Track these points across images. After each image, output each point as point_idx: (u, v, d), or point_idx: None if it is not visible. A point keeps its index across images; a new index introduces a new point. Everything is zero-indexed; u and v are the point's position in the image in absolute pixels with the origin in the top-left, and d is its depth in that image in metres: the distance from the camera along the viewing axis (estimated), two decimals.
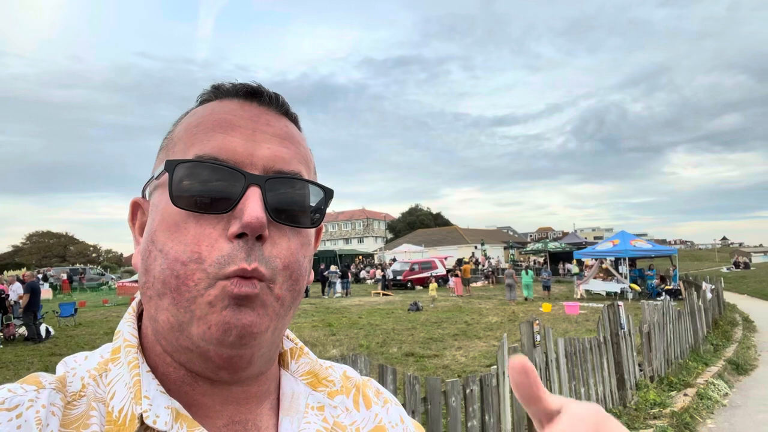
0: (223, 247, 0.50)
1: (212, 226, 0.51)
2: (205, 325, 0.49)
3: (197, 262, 0.49)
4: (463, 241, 55.10)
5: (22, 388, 0.48)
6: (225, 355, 0.51)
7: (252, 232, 0.49)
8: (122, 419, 0.49)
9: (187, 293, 0.49)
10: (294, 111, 0.62)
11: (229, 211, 0.51)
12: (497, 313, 16.28)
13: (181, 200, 0.51)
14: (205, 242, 0.50)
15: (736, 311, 16.13)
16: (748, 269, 43.04)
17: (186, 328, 0.50)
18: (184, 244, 0.50)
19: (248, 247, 0.50)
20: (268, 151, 0.54)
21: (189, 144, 0.54)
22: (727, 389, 7.35)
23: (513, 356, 0.42)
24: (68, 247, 78.49)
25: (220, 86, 0.60)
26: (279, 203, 0.53)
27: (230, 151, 0.53)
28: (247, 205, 0.50)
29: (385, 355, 9.62)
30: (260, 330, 0.51)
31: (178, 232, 0.51)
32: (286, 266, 0.53)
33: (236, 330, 0.49)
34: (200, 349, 0.51)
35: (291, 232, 0.55)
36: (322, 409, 0.62)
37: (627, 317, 6.68)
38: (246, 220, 0.49)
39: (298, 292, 0.56)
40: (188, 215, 0.51)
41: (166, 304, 0.51)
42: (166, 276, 0.50)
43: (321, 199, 0.58)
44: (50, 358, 10.14)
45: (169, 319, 0.51)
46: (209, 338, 0.49)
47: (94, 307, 21.06)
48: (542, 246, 37.34)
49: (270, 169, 0.54)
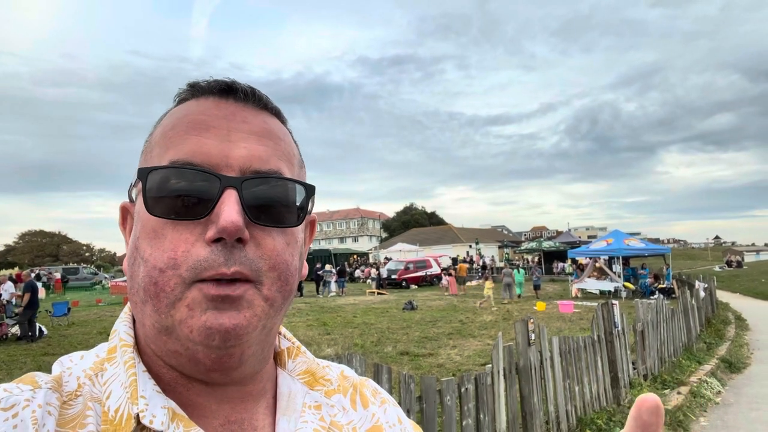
0: (200, 253, 0.49)
1: (189, 232, 0.50)
2: (188, 329, 0.48)
3: (173, 268, 0.48)
4: (457, 240, 55.22)
5: (18, 387, 0.48)
6: (213, 356, 0.50)
7: (228, 236, 0.48)
8: (118, 419, 0.49)
9: (165, 299, 0.49)
10: (275, 104, 0.61)
11: (205, 216, 0.50)
12: (492, 312, 16.32)
13: (156, 208, 0.50)
14: (182, 248, 0.49)
15: (728, 310, 16.21)
16: (740, 268, 43.27)
17: (171, 333, 0.50)
18: (161, 251, 0.49)
19: (227, 251, 0.49)
20: (245, 151, 0.53)
21: (164, 148, 0.53)
22: (720, 387, 7.40)
23: (646, 395, 0.40)
24: (61, 246, 78.11)
25: (196, 84, 0.58)
26: (258, 204, 0.52)
27: (204, 153, 0.51)
28: (222, 209, 0.49)
29: (380, 354, 9.62)
30: (246, 331, 0.50)
31: (156, 239, 0.50)
32: (272, 267, 0.52)
33: (219, 334, 0.48)
34: (189, 352, 0.50)
35: (276, 232, 0.53)
36: (319, 408, 0.62)
37: (621, 316, 6.71)
38: (221, 224, 0.48)
39: (289, 292, 0.55)
40: (166, 222, 0.50)
41: (149, 311, 0.50)
42: (146, 283, 0.49)
43: (303, 196, 0.56)
44: (43, 357, 10.07)
45: (155, 324, 0.50)
46: (194, 341, 0.49)
47: (87, 306, 20.93)
48: (536, 245, 37.43)
49: (247, 170, 0.52)
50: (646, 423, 0.40)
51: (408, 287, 29.11)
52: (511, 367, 4.52)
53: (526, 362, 4.68)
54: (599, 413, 5.65)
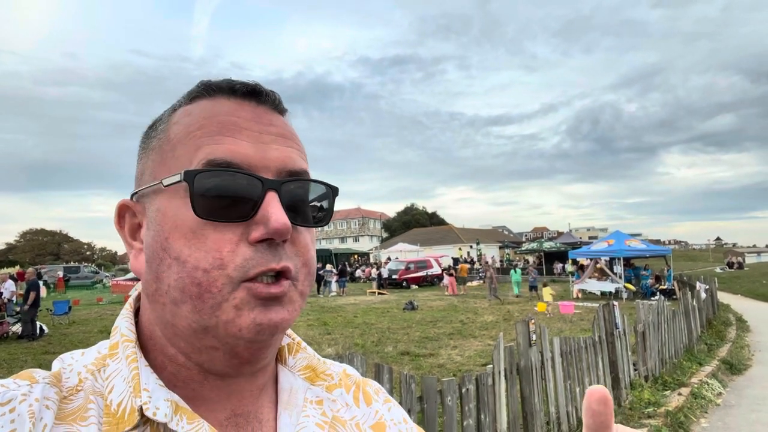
0: (245, 252, 0.50)
1: (232, 232, 0.51)
2: (236, 328, 0.50)
3: (220, 269, 0.49)
4: (458, 241, 55.23)
5: (15, 383, 0.48)
6: (254, 348, 0.53)
7: (280, 237, 0.51)
8: (121, 412, 0.49)
9: (211, 300, 0.50)
10: (286, 106, 0.62)
11: (250, 218, 0.51)
12: (492, 312, 16.32)
13: (201, 209, 0.51)
14: (227, 248, 0.50)
15: (729, 311, 16.21)
16: (741, 269, 43.28)
17: (212, 331, 0.51)
18: (204, 252, 0.50)
19: (273, 249, 0.51)
20: (278, 153, 0.55)
21: (194, 148, 0.53)
22: (721, 389, 7.39)
23: (593, 387, 0.44)
24: (62, 244, 78.25)
25: (211, 83, 0.58)
26: (294, 205, 0.54)
27: (243, 155, 0.53)
28: (270, 212, 0.51)
29: (381, 354, 9.62)
30: (288, 325, 0.54)
31: (196, 240, 0.50)
32: (305, 263, 0.55)
33: (269, 329, 0.51)
34: (227, 347, 0.52)
35: (305, 230, 0.56)
36: (320, 403, 0.62)
37: (622, 317, 6.70)
38: (274, 226, 0.50)
39: (312, 285, 0.59)
40: (206, 223, 0.51)
41: (185, 312, 0.51)
42: (186, 284, 0.50)
43: (329, 197, 0.60)
44: (44, 356, 10.08)
45: (191, 325, 0.51)
46: (241, 337, 0.51)
47: (88, 305, 20.93)
48: (537, 246, 37.47)
49: (282, 171, 0.54)
50: (596, 412, 0.43)
51: (409, 287, 29.11)
52: (512, 367, 4.51)
53: (527, 363, 4.68)
54: None
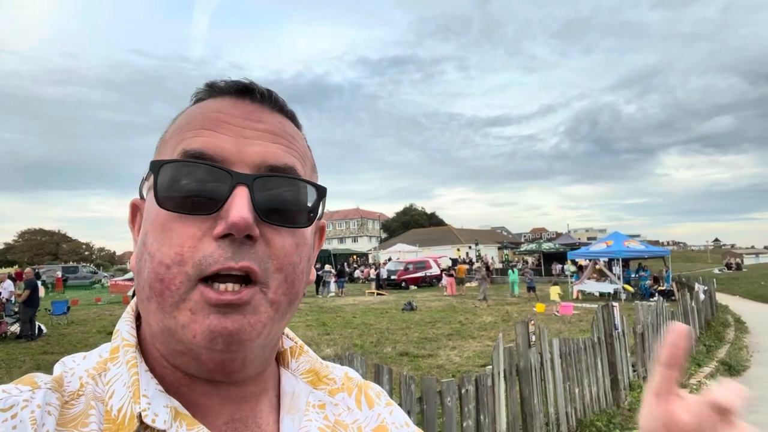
0: (206, 248, 0.48)
1: (197, 227, 0.49)
2: (191, 334, 0.48)
3: (179, 265, 0.48)
4: (457, 241, 55.24)
5: (17, 388, 0.48)
6: (217, 359, 0.51)
7: (238, 232, 0.48)
8: (121, 418, 0.49)
9: (170, 298, 0.48)
10: (290, 108, 0.61)
11: (215, 212, 0.49)
12: (491, 313, 16.32)
13: (166, 201, 0.50)
14: (188, 243, 0.48)
15: (728, 312, 16.20)
16: (740, 270, 43.36)
17: (174, 334, 0.49)
18: (168, 246, 0.49)
19: (235, 247, 0.49)
20: (259, 148, 0.53)
21: (176, 143, 0.53)
22: None
23: (676, 323, 0.45)
24: (61, 244, 78.18)
25: (214, 84, 0.58)
26: (269, 202, 0.51)
27: (217, 148, 0.51)
28: (232, 205, 0.48)
29: (380, 355, 9.61)
30: (250, 337, 0.49)
31: (164, 234, 0.49)
32: (279, 269, 0.52)
33: (222, 338, 0.48)
34: (192, 353, 0.50)
35: (286, 233, 0.53)
36: (323, 407, 0.62)
37: (621, 318, 6.70)
38: (231, 220, 0.47)
39: (295, 295, 0.54)
40: (175, 217, 0.49)
41: (153, 309, 0.50)
42: (152, 280, 0.49)
43: (315, 198, 0.56)
44: (42, 356, 10.06)
45: (158, 323, 0.50)
46: (197, 344, 0.48)
47: (86, 305, 20.91)
48: (536, 246, 37.47)
49: (260, 167, 0.52)
50: (673, 343, 0.44)
51: (407, 288, 29.11)
52: (512, 368, 4.51)
53: (526, 364, 4.68)
54: (599, 415, 5.65)
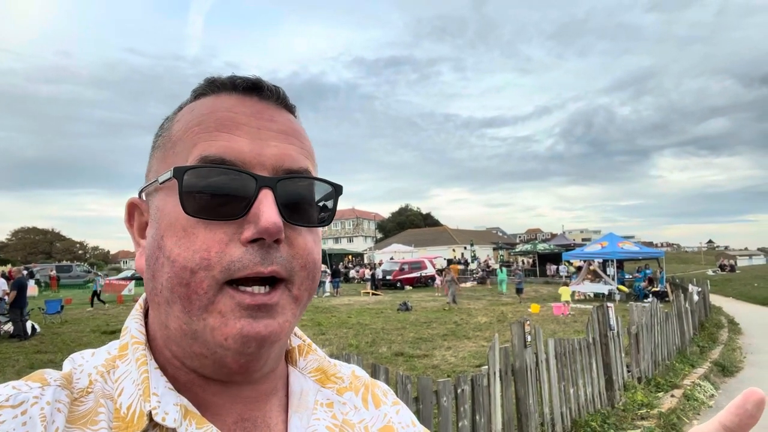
0: (234, 253, 0.48)
1: (223, 232, 0.49)
2: (222, 337, 0.48)
3: (206, 269, 0.48)
4: (452, 242, 55.28)
5: (26, 385, 0.48)
6: (242, 360, 0.51)
7: (270, 237, 0.48)
8: (130, 416, 0.49)
9: (198, 302, 0.48)
10: (293, 103, 0.61)
11: (242, 216, 0.49)
12: (486, 313, 16.34)
13: (191, 207, 0.49)
14: (215, 248, 0.48)
15: (721, 314, 16.28)
16: (733, 272, 43.52)
17: (200, 337, 0.49)
18: (192, 251, 0.48)
19: (264, 251, 0.49)
20: (276, 150, 0.53)
21: (191, 145, 0.52)
22: (713, 391, 7.43)
23: (753, 389, 0.41)
24: (54, 243, 77.76)
25: (215, 80, 0.57)
26: (291, 204, 0.52)
27: (237, 152, 0.51)
28: (262, 210, 0.48)
29: (375, 355, 9.61)
30: (279, 338, 0.51)
31: (187, 238, 0.49)
32: (303, 266, 0.53)
33: (256, 341, 0.49)
34: (216, 356, 0.50)
35: (305, 231, 0.54)
36: (331, 406, 0.62)
37: (616, 318, 6.72)
38: (263, 225, 0.48)
39: (314, 290, 0.56)
40: (198, 221, 0.49)
41: (176, 312, 0.50)
42: (174, 284, 0.49)
43: (332, 196, 0.57)
44: (36, 355, 10.00)
45: (182, 326, 0.50)
46: (228, 347, 0.49)
47: (80, 304, 20.80)
48: (531, 247, 37.52)
49: (279, 169, 0.52)
50: (748, 413, 0.40)
51: (403, 288, 29.08)
52: (507, 368, 4.52)
53: (522, 364, 4.69)
54: (594, 415, 5.67)
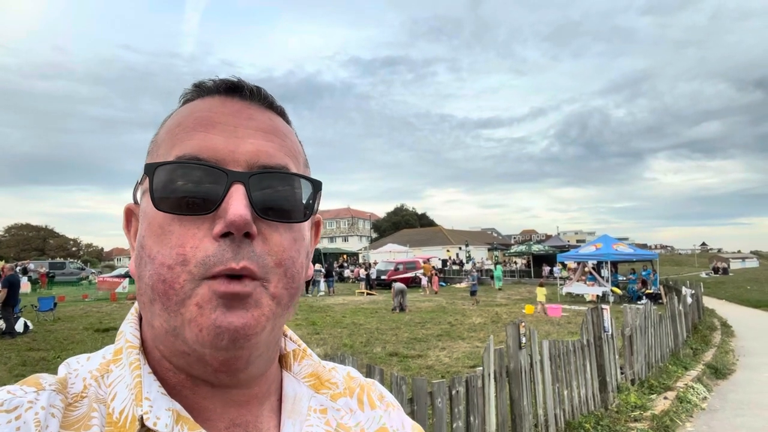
0: (207, 248, 0.48)
1: (197, 227, 0.49)
2: (197, 328, 0.48)
3: (182, 265, 0.48)
4: (447, 242, 55.36)
5: (21, 389, 0.48)
6: (221, 357, 0.50)
7: (237, 230, 0.48)
8: (123, 421, 0.49)
9: (175, 297, 0.48)
10: (279, 104, 0.61)
11: (213, 211, 0.49)
12: (481, 314, 16.37)
13: (163, 203, 0.50)
14: (189, 243, 0.49)
15: (714, 316, 16.38)
16: (726, 275, 43.83)
17: (180, 333, 0.49)
18: (169, 248, 0.49)
19: (235, 246, 0.49)
20: (252, 146, 0.53)
21: (170, 146, 0.53)
22: (706, 393, 7.46)
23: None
24: (48, 240, 77.39)
25: (201, 84, 0.58)
26: (265, 199, 0.52)
27: (211, 149, 0.51)
28: (230, 204, 0.48)
29: (369, 355, 9.61)
30: (255, 331, 0.49)
31: (163, 236, 0.49)
32: (278, 263, 0.52)
33: (228, 333, 0.48)
34: (196, 353, 0.50)
35: (283, 228, 0.53)
36: (324, 412, 0.62)
37: (611, 320, 6.75)
38: (229, 218, 0.48)
39: (296, 290, 0.55)
40: (172, 218, 0.50)
41: (157, 310, 0.50)
42: (154, 281, 0.49)
43: (310, 192, 0.56)
44: (28, 353, 9.95)
45: (163, 324, 0.50)
46: (202, 341, 0.48)
47: (73, 301, 20.72)
48: (526, 248, 37.63)
49: (254, 165, 0.52)
50: None
51: None
52: (502, 369, 4.53)
53: (516, 365, 4.69)
54: (587, 417, 5.68)
